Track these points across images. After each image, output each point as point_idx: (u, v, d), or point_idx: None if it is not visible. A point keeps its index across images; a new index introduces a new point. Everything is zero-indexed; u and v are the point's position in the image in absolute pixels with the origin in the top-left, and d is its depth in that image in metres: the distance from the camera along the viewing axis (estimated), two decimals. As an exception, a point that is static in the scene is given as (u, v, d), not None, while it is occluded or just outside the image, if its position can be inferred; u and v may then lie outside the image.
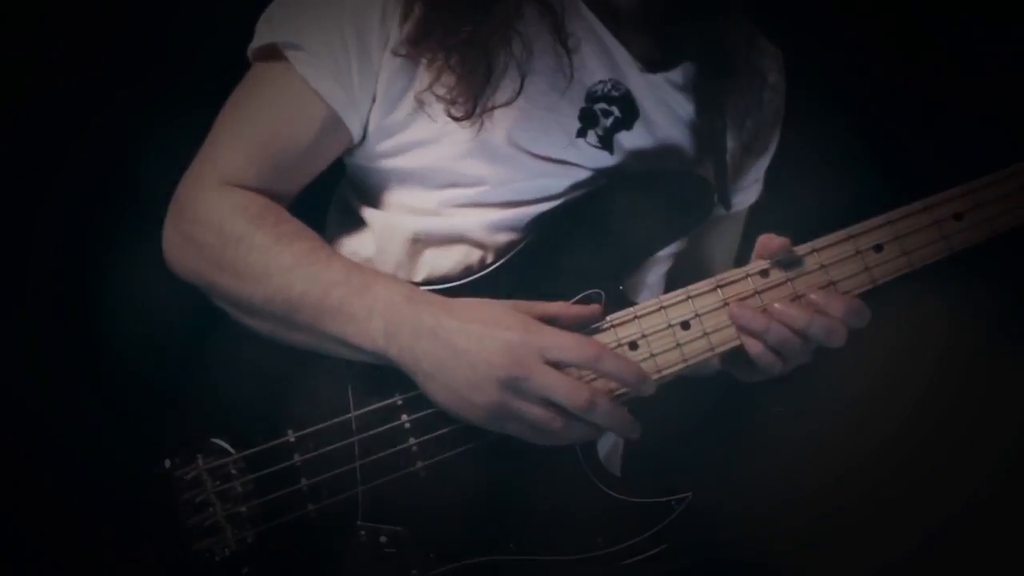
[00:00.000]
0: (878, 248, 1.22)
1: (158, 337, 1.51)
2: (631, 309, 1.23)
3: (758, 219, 1.51)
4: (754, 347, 1.19)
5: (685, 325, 1.22)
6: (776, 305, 1.18)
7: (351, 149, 1.30)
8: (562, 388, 1.10)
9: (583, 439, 1.18)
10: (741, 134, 1.38)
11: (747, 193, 1.50)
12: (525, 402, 1.11)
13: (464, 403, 1.13)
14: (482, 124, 1.22)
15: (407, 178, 1.29)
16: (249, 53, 1.29)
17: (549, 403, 1.11)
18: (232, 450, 1.24)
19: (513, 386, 1.11)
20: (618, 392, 1.19)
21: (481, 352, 1.11)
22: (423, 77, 1.22)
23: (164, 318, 1.49)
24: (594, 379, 1.17)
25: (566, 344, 1.12)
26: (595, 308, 1.22)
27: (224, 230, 1.21)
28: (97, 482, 1.42)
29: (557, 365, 1.12)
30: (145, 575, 1.26)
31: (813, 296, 1.19)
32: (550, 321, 1.17)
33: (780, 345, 1.18)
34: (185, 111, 1.36)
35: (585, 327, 1.21)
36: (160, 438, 1.27)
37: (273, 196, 1.26)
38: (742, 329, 1.19)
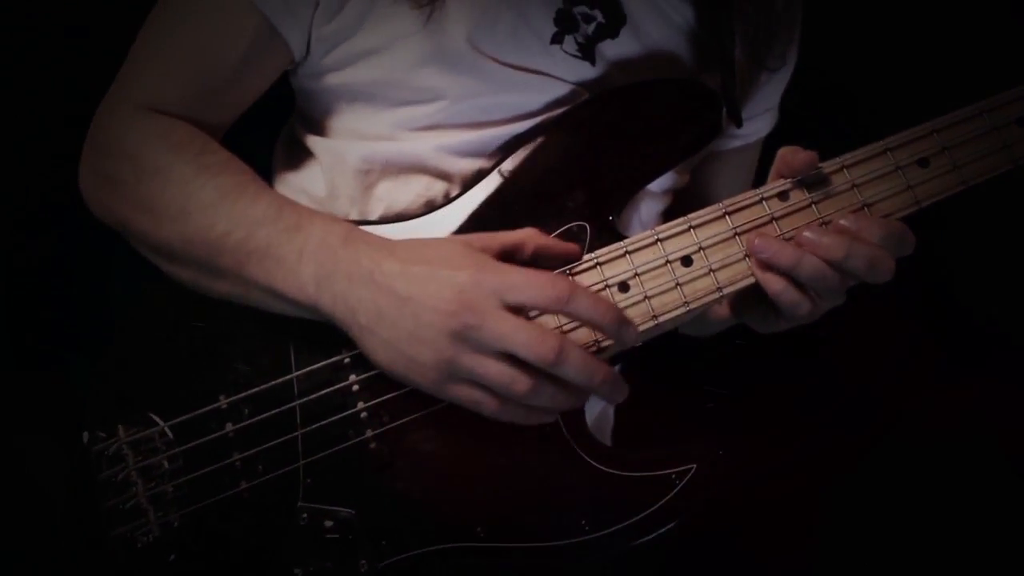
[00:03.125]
0: (923, 163, 1.00)
1: (77, 293, 1.33)
2: (621, 243, 1.02)
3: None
4: (775, 284, 0.97)
5: (686, 260, 1.01)
6: (806, 233, 0.96)
7: (295, 68, 1.12)
8: (522, 335, 0.89)
9: (557, 409, 0.96)
10: (751, 49, 1.17)
11: (759, 122, 1.28)
12: (479, 356, 0.90)
13: (407, 361, 0.93)
14: (432, 13, 1.02)
15: (356, 97, 1.10)
16: None
17: (509, 358, 0.90)
18: (159, 420, 1.07)
19: (464, 337, 0.90)
20: (603, 345, 0.99)
21: (426, 298, 0.91)
22: None
23: (83, 270, 1.31)
24: (570, 330, 0.98)
25: (527, 282, 0.91)
26: (572, 247, 1.01)
27: (139, 161, 1.04)
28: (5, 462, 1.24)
29: (519, 311, 0.92)
30: (60, 564, 1.09)
31: (843, 222, 0.97)
32: (514, 254, 0.97)
33: (813, 282, 0.96)
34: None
35: (559, 265, 1.01)
36: (79, 407, 1.10)
37: (201, 125, 1.08)
38: (764, 265, 0.98)
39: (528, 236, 0.99)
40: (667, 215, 1.22)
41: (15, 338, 1.34)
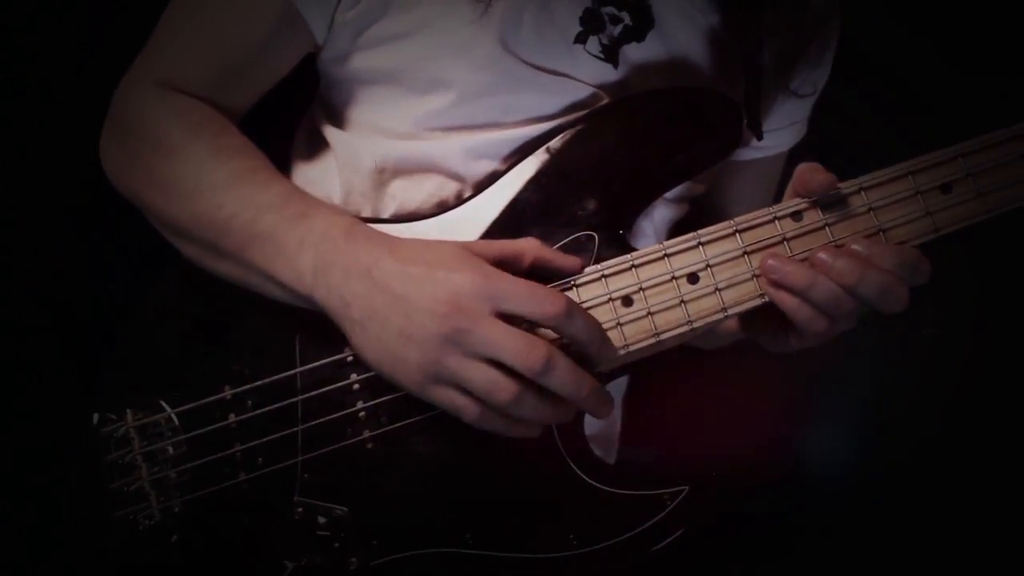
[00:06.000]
0: (945, 188, 0.95)
1: (93, 280, 1.35)
2: (627, 256, 1.00)
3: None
4: (788, 302, 0.94)
5: (693, 278, 0.99)
6: (820, 254, 0.94)
7: (318, 52, 1.12)
8: (511, 342, 0.88)
9: (540, 422, 0.94)
10: (777, 62, 1.13)
11: (782, 135, 1.24)
12: (466, 360, 0.89)
13: (394, 360, 0.93)
14: (489, 5, 1.02)
15: (374, 83, 1.10)
16: None
17: (497, 366, 0.90)
18: (166, 406, 1.08)
19: (453, 340, 0.89)
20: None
21: (419, 299, 0.90)
22: None
23: (100, 258, 1.33)
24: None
25: (525, 293, 0.90)
26: (575, 260, 1.00)
27: (157, 138, 1.06)
28: (16, 440, 1.27)
29: (512, 320, 0.91)
30: (64, 544, 1.11)
31: (856, 246, 0.94)
32: (512, 263, 0.96)
33: (826, 305, 0.93)
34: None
35: (558, 278, 0.99)
36: (91, 390, 1.12)
37: (219, 107, 1.09)
38: (778, 286, 0.95)
39: (529, 247, 0.98)
40: (681, 223, 1.19)
41: (32, 322, 1.37)
